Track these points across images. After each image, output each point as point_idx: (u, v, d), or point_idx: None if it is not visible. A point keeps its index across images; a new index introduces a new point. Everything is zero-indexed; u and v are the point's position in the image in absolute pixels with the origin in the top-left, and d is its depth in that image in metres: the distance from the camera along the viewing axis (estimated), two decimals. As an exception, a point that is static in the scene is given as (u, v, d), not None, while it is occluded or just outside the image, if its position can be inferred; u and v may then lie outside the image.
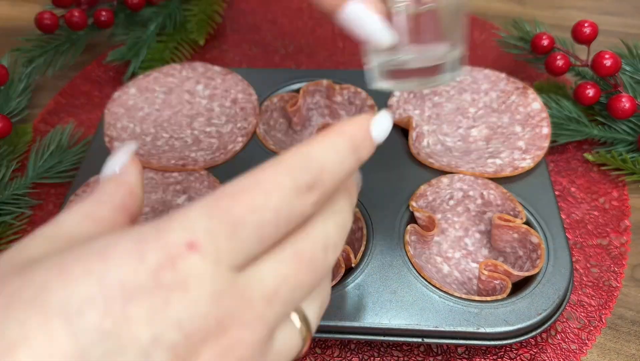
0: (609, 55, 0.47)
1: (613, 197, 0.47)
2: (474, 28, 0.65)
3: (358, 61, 0.61)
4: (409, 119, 0.44)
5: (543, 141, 0.44)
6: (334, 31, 0.65)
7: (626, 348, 0.38)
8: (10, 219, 0.45)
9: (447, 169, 0.43)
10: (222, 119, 0.49)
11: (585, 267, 0.42)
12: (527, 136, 0.45)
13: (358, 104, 0.49)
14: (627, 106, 0.47)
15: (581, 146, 0.51)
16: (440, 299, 0.36)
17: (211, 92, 0.50)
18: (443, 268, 0.41)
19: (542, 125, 0.45)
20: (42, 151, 0.49)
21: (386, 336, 0.35)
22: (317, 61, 0.61)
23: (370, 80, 0.33)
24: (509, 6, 0.68)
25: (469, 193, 0.42)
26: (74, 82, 0.60)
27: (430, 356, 0.38)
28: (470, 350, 0.38)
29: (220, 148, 0.46)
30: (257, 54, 0.62)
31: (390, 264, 0.37)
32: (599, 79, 0.51)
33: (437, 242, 0.42)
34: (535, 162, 0.43)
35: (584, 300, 0.40)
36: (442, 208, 0.43)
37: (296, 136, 0.50)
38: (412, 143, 0.44)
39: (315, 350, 0.38)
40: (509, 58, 0.60)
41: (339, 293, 0.36)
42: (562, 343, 0.38)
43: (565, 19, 0.66)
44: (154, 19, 0.60)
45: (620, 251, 0.43)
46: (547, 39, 0.52)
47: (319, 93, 0.49)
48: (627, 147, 0.48)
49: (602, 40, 0.60)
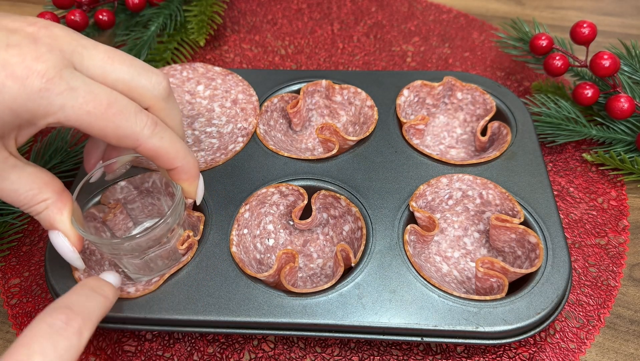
0: (608, 55, 0.47)
1: (611, 197, 0.47)
2: (472, 29, 0.65)
3: (358, 61, 0.61)
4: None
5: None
6: (334, 32, 0.65)
7: (625, 347, 0.38)
8: (12, 218, 0.45)
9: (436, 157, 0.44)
10: (222, 119, 0.49)
11: (583, 266, 0.42)
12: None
13: (358, 104, 0.49)
14: (625, 107, 0.47)
15: (580, 146, 0.51)
16: (440, 299, 0.36)
17: (212, 93, 0.51)
18: (442, 268, 0.41)
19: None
20: (43, 151, 0.49)
21: (386, 335, 0.35)
22: (317, 61, 0.61)
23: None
24: (508, 7, 0.69)
25: (467, 193, 0.42)
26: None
27: (429, 355, 0.38)
28: (469, 349, 0.38)
29: (220, 148, 0.46)
30: (257, 54, 0.62)
31: (390, 264, 0.38)
32: (597, 79, 0.51)
33: (436, 241, 0.43)
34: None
35: (583, 299, 0.41)
36: (441, 208, 0.43)
37: (296, 136, 0.50)
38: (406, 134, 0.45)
39: (315, 348, 0.39)
40: (508, 59, 0.60)
41: (339, 293, 0.36)
42: (561, 343, 0.38)
43: (564, 19, 0.66)
44: (154, 20, 0.60)
45: (618, 251, 0.43)
46: (545, 40, 0.52)
47: (319, 93, 0.50)
48: (626, 147, 0.49)
49: (601, 40, 0.60)
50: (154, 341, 0.39)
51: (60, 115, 0.28)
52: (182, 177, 0.34)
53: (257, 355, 0.38)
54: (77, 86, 0.28)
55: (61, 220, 0.32)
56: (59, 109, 0.28)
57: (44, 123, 0.28)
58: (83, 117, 0.28)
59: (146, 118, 0.31)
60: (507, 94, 0.49)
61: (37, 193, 0.31)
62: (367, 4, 0.69)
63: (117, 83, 0.30)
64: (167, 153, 0.32)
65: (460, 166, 0.44)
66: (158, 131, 0.31)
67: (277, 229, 0.43)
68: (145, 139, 0.31)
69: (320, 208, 0.43)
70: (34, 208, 0.31)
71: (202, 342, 0.39)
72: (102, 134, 0.29)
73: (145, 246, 0.35)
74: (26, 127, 0.29)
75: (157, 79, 0.32)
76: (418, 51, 0.62)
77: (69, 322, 0.28)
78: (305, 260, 0.42)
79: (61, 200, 0.32)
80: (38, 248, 0.45)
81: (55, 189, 0.32)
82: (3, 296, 0.42)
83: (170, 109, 0.33)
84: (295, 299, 0.36)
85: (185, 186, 0.35)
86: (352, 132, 0.49)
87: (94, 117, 0.28)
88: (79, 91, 0.28)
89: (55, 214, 0.32)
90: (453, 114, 0.50)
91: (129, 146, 0.31)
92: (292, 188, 0.42)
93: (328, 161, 0.44)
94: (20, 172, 0.30)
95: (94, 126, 0.29)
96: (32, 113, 0.27)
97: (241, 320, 0.35)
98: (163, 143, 0.32)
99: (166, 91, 0.32)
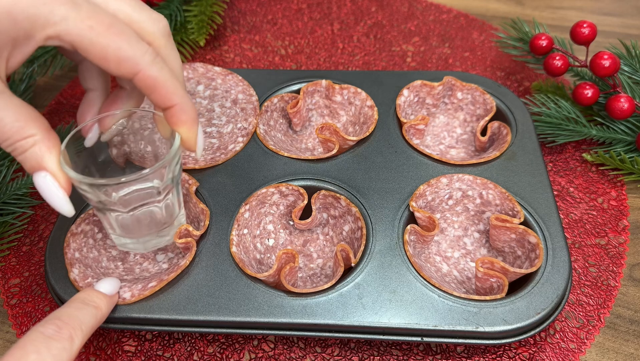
0: (608, 55, 0.47)
1: (611, 197, 0.47)
2: (472, 29, 0.65)
3: (358, 61, 0.61)
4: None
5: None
6: (334, 32, 0.65)
7: (625, 347, 0.38)
8: (12, 219, 0.45)
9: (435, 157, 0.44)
10: (222, 119, 0.49)
11: (583, 266, 0.42)
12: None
13: (358, 104, 0.49)
14: (625, 107, 0.47)
15: (580, 146, 0.51)
16: (440, 299, 0.36)
17: (212, 93, 0.51)
18: (442, 268, 0.41)
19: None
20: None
21: (386, 335, 0.35)
22: (317, 61, 0.61)
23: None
24: (508, 7, 0.69)
25: (467, 193, 0.42)
26: (74, 82, 0.60)
27: (429, 355, 0.38)
28: (469, 349, 0.38)
29: (220, 148, 0.46)
30: (257, 54, 0.62)
31: (390, 264, 0.38)
32: (597, 79, 0.51)
33: (436, 241, 0.43)
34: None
35: (583, 300, 0.41)
36: (441, 208, 0.43)
37: (296, 136, 0.50)
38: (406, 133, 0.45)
39: (315, 348, 0.39)
40: (508, 59, 0.60)
41: (339, 293, 0.36)
42: (561, 343, 0.38)
43: (564, 19, 0.66)
44: (154, 20, 0.60)
45: (618, 251, 0.43)
46: (545, 40, 0.52)
47: (319, 93, 0.50)
48: (626, 147, 0.49)
49: (601, 40, 0.60)
50: (154, 341, 0.39)
51: (61, 27, 0.26)
52: (180, 119, 0.32)
53: (257, 355, 0.38)
54: (80, 3, 0.27)
55: (50, 159, 0.29)
56: (61, 19, 0.26)
57: (42, 36, 0.27)
58: (84, 32, 0.27)
59: (147, 46, 0.30)
60: (507, 94, 0.49)
61: (24, 126, 0.28)
62: (367, 4, 0.69)
63: (118, 13, 0.29)
64: (165, 86, 0.30)
65: (460, 166, 0.44)
66: (159, 61, 0.30)
67: (277, 229, 0.43)
68: (145, 64, 0.29)
69: (320, 208, 0.43)
70: (20, 143, 0.28)
71: (202, 342, 0.39)
72: (103, 54, 0.28)
73: (135, 198, 0.33)
74: (22, 42, 0.27)
75: (157, 16, 0.31)
76: (418, 51, 0.62)
77: (59, 330, 0.29)
78: (305, 260, 0.42)
79: (49, 138, 0.29)
80: (38, 248, 0.45)
81: (43, 126, 0.29)
82: (3, 296, 0.42)
83: (169, 49, 0.32)
84: (295, 299, 0.36)
85: (183, 131, 0.33)
86: (352, 132, 0.49)
87: (95, 33, 0.27)
88: (82, 6, 0.27)
89: (43, 152, 0.29)
90: (453, 114, 0.50)
91: (128, 73, 0.29)
92: (292, 188, 0.42)
93: (328, 161, 0.44)
94: (7, 100, 0.28)
95: (95, 43, 0.27)
96: (31, 21, 0.26)
97: (241, 320, 0.35)
98: (163, 74, 0.30)
99: (165, 29, 0.32)
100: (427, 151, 0.45)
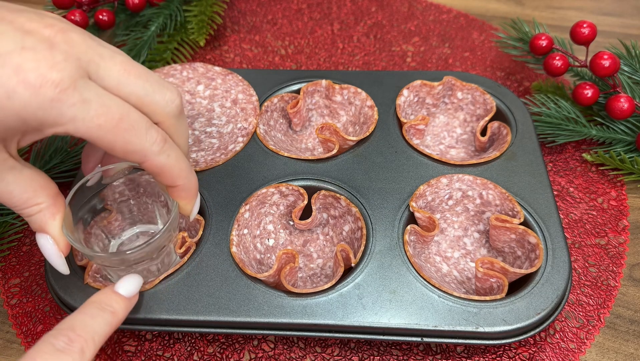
0: (608, 55, 0.47)
1: (611, 197, 0.47)
2: (472, 29, 0.65)
3: (358, 61, 0.61)
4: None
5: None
6: (334, 32, 0.65)
7: (625, 347, 0.38)
8: (12, 219, 0.45)
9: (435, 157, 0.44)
10: (222, 119, 0.49)
11: (583, 266, 0.42)
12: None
13: (358, 104, 0.49)
14: (625, 107, 0.47)
15: (580, 146, 0.51)
16: (440, 299, 0.36)
17: (212, 93, 0.51)
18: (442, 268, 0.41)
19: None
20: (44, 152, 0.49)
21: (386, 336, 0.35)
22: (317, 61, 0.61)
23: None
24: (508, 7, 0.69)
25: (467, 193, 0.42)
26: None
27: (429, 356, 0.38)
28: (469, 349, 0.38)
29: (220, 148, 0.46)
30: (257, 54, 0.62)
31: (390, 264, 0.38)
32: (597, 79, 0.51)
33: (436, 242, 0.43)
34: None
35: (583, 300, 0.41)
36: (441, 208, 0.43)
37: (296, 136, 0.50)
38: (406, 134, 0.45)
39: (315, 348, 0.39)
40: (508, 59, 0.60)
41: (339, 293, 0.36)
42: (561, 343, 0.38)
43: (563, 19, 0.66)
44: (154, 20, 0.60)
45: (618, 251, 0.43)
46: (545, 40, 0.52)
47: (319, 93, 0.50)
48: (626, 147, 0.49)
49: (601, 40, 0.60)
50: (154, 341, 0.39)
51: (69, 126, 0.27)
52: (181, 195, 0.34)
53: (257, 355, 0.38)
54: (90, 98, 0.27)
55: (52, 225, 0.32)
56: (69, 120, 0.27)
57: (51, 132, 0.28)
58: (93, 131, 0.28)
59: (156, 135, 0.30)
60: (507, 94, 0.49)
61: (32, 196, 0.31)
62: (367, 4, 0.69)
63: (131, 96, 0.30)
64: (171, 171, 0.32)
65: (460, 166, 0.44)
66: (166, 149, 0.31)
67: (277, 229, 0.43)
68: (152, 156, 0.30)
69: (320, 208, 0.43)
70: (27, 210, 0.31)
71: (202, 342, 0.39)
72: (110, 147, 0.29)
73: (133, 261, 0.34)
74: (31, 133, 0.28)
75: (170, 96, 0.31)
76: (418, 51, 0.62)
77: (71, 343, 0.29)
78: (305, 260, 0.42)
79: (55, 205, 0.32)
80: (38, 248, 0.45)
81: (50, 193, 0.32)
82: (3, 296, 0.42)
83: (179, 126, 0.33)
84: (295, 299, 0.36)
85: (182, 204, 0.35)
86: (352, 132, 0.49)
87: (104, 131, 0.28)
88: (92, 103, 0.27)
89: (47, 219, 0.32)
90: (453, 114, 0.50)
91: (135, 161, 0.30)
92: (292, 188, 0.42)
93: (328, 161, 0.44)
94: (18, 174, 0.30)
95: (103, 139, 0.28)
96: (40, 122, 0.27)
97: (241, 320, 0.35)
98: (169, 161, 0.31)
99: (178, 108, 0.32)
100: (427, 151, 0.45)
